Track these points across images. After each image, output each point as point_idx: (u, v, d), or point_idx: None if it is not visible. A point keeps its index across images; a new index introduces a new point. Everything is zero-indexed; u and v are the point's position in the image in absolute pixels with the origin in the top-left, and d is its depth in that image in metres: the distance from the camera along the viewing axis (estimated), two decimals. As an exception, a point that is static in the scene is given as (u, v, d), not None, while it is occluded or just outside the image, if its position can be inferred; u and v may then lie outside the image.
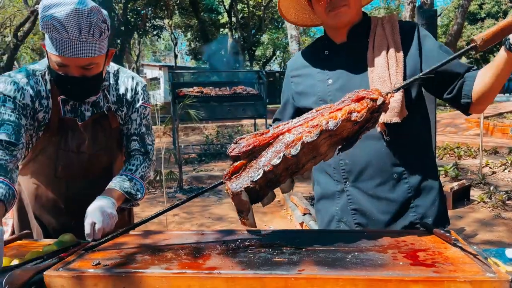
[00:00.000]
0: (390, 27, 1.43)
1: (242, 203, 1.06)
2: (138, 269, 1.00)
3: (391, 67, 1.36)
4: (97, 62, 1.40)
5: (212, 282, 0.94)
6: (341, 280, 0.92)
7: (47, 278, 0.98)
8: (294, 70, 1.61)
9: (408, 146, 1.42)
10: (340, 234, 1.35)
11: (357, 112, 1.06)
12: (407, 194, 1.43)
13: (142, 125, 1.63)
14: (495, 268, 0.93)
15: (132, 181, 1.52)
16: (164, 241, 1.23)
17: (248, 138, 1.11)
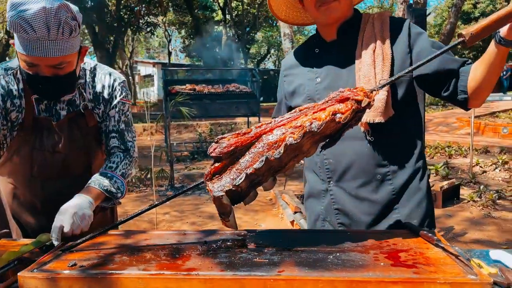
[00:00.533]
0: (380, 23, 1.40)
1: (223, 206, 1.04)
2: (115, 270, 0.98)
3: (377, 65, 1.34)
4: (68, 61, 1.36)
5: (190, 284, 0.93)
6: (320, 282, 0.90)
7: (21, 279, 0.96)
8: (287, 69, 1.60)
9: (394, 146, 1.39)
10: (324, 235, 1.34)
11: (341, 113, 1.04)
12: (391, 195, 1.40)
13: (121, 122, 1.59)
14: (477, 270, 0.92)
15: (112, 179, 1.48)
16: (145, 241, 1.21)
17: (230, 138, 1.09)
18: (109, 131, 1.58)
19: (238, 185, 1.02)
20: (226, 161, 1.08)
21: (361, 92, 1.07)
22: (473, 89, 1.29)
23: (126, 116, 1.61)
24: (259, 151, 1.04)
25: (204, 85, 8.22)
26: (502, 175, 6.00)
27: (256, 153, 1.04)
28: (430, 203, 1.47)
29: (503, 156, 6.78)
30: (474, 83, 1.29)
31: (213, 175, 1.08)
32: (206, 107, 7.46)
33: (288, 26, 7.38)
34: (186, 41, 27.40)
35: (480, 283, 0.88)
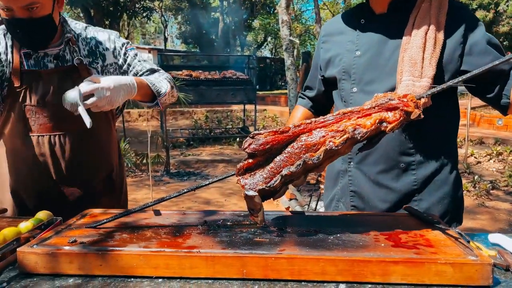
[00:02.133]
0: (437, 4, 1.28)
1: (254, 204, 1.03)
2: (115, 247, 0.97)
3: (427, 50, 1.24)
4: (40, 2, 1.36)
5: (191, 261, 0.92)
6: (321, 261, 0.90)
7: (20, 254, 0.95)
8: (326, 35, 1.51)
9: (424, 136, 1.31)
10: (324, 216, 1.34)
11: (388, 123, 0.99)
12: (412, 186, 1.34)
13: (144, 62, 1.65)
14: (477, 252, 0.93)
15: (157, 79, 1.55)
16: (145, 220, 1.20)
17: (267, 135, 1.05)
18: (141, 73, 1.62)
19: (272, 186, 1.01)
20: (261, 158, 1.05)
21: (412, 102, 1.00)
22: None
23: (142, 58, 1.66)
24: (296, 152, 1.01)
25: (201, 71, 8.17)
26: (496, 166, 6.05)
27: (293, 154, 1.02)
28: (456, 200, 1.39)
29: (498, 147, 6.83)
30: None
31: (246, 170, 1.06)
32: (202, 93, 7.43)
33: (286, 13, 7.31)
34: (182, 27, 27.14)
35: (480, 263, 0.88)
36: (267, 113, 11.71)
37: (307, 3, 23.91)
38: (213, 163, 6.63)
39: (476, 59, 1.26)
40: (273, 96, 15.64)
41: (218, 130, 9.57)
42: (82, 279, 0.92)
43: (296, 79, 7.28)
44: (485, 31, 1.28)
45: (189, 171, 6.13)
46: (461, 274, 0.88)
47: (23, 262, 0.95)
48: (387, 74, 1.30)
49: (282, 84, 32.23)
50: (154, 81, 1.53)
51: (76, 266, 0.94)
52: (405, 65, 1.25)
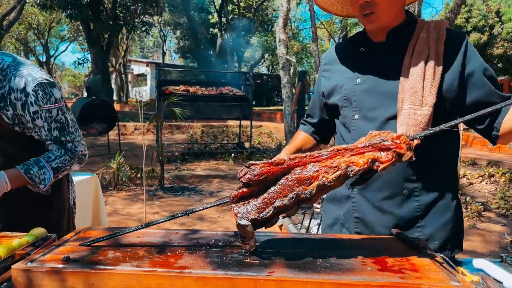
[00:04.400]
0: (436, 34, 1.30)
1: (246, 232, 1.05)
2: (108, 265, 0.99)
3: (427, 79, 1.26)
4: None
5: (183, 281, 0.95)
6: (309, 283, 0.93)
7: (15, 272, 0.97)
8: (327, 63, 1.54)
9: (426, 163, 1.30)
10: (314, 239, 1.36)
11: (381, 163, 1.02)
12: (415, 212, 1.34)
13: (53, 129, 1.55)
14: (460, 277, 0.95)
15: (42, 169, 1.50)
16: (138, 239, 1.22)
17: (262, 165, 1.08)
18: (44, 139, 1.57)
19: (265, 217, 1.04)
20: (255, 187, 1.08)
21: (404, 144, 1.03)
22: (507, 130, 1.24)
23: (58, 121, 1.55)
24: (290, 184, 1.04)
25: (198, 86, 8.24)
26: (488, 188, 6.09)
27: (286, 186, 1.04)
28: (457, 226, 1.40)
29: (490, 169, 6.90)
30: (508, 125, 1.23)
31: (240, 198, 1.09)
32: (199, 109, 7.48)
33: (283, 32, 7.43)
34: (180, 42, 27.38)
35: (461, 286, 0.91)
36: (263, 129, 11.78)
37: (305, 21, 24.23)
38: (208, 178, 6.64)
39: (471, 90, 1.29)
40: (269, 112, 15.74)
41: (213, 145, 9.61)
42: (75, 297, 0.94)
43: (292, 96, 7.35)
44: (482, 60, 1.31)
45: (184, 186, 6.13)
46: (443, 301, 0.90)
47: (17, 280, 0.97)
48: (388, 101, 1.32)
49: (278, 100, 32.42)
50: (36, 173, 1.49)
51: (70, 284, 0.96)
52: (406, 94, 1.27)
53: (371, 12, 1.30)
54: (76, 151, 1.60)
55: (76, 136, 1.60)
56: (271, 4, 25.98)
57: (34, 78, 1.48)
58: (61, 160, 1.55)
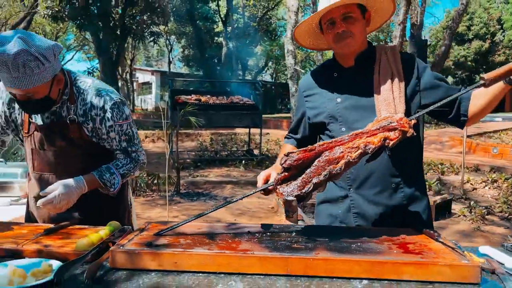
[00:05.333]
0: (392, 56, 1.65)
1: (291, 207, 1.32)
2: (185, 249, 1.24)
3: (395, 92, 1.58)
4: (35, 91, 1.57)
5: (248, 261, 1.19)
6: (349, 262, 1.17)
7: (113, 253, 1.21)
8: (306, 90, 1.80)
9: (405, 160, 1.63)
10: (343, 230, 1.61)
11: (390, 140, 1.31)
12: (402, 201, 1.64)
13: (122, 141, 1.83)
14: (469, 257, 1.20)
15: (112, 175, 1.78)
16: (197, 230, 1.47)
17: (299, 153, 1.34)
18: (114, 149, 1.86)
19: (306, 192, 1.29)
20: (294, 171, 1.34)
21: (406, 123, 1.31)
22: (474, 113, 1.57)
23: (127, 134, 1.83)
24: (321, 165, 1.30)
25: (209, 96, 8.51)
26: (491, 193, 6.31)
27: (319, 166, 1.30)
28: (430, 211, 1.74)
29: (493, 174, 7.12)
30: (475, 109, 1.56)
31: (282, 181, 1.34)
32: (210, 117, 7.74)
33: (292, 43, 7.70)
34: (185, 50, 27.77)
35: (472, 265, 1.15)
36: (270, 136, 12.03)
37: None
38: (221, 184, 6.90)
39: (431, 92, 1.63)
40: (275, 120, 16.00)
41: (224, 153, 9.87)
42: (161, 273, 1.18)
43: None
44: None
45: (198, 192, 6.39)
46: (456, 274, 1.14)
47: (115, 260, 1.21)
48: (368, 113, 1.60)
49: (282, 108, 32.76)
50: (108, 178, 1.76)
51: (156, 263, 1.20)
52: (382, 105, 1.57)
53: (349, 37, 1.59)
54: (139, 159, 1.89)
55: (139, 147, 1.89)
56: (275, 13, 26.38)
57: (111, 98, 1.77)
58: (127, 167, 1.84)
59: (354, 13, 1.59)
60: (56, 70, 1.62)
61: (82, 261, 1.20)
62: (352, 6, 1.60)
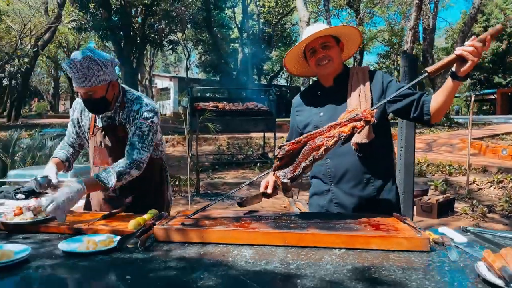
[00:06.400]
0: (362, 74, 2.03)
1: (287, 187, 1.74)
2: (210, 226, 1.67)
3: (362, 103, 1.95)
4: (95, 91, 2.04)
5: (255, 235, 1.60)
6: (331, 235, 1.57)
7: (156, 230, 1.65)
8: (297, 106, 2.21)
9: (373, 159, 1.99)
10: (331, 215, 2.00)
11: (357, 128, 1.71)
12: (373, 193, 2.02)
13: (135, 135, 2.14)
14: (423, 233, 1.59)
15: (108, 173, 2.04)
16: (218, 215, 1.89)
17: (288, 145, 1.75)
18: (128, 141, 2.18)
19: (298, 175, 1.71)
20: (287, 159, 1.75)
21: (369, 114, 1.71)
22: (435, 110, 1.86)
23: (142, 131, 2.15)
24: (307, 152, 1.71)
25: (226, 102, 8.98)
26: (496, 192, 6.57)
27: (305, 154, 1.72)
28: (398, 201, 2.11)
29: (499, 175, 7.35)
30: (436, 106, 1.85)
31: (278, 168, 1.76)
32: (227, 123, 8.20)
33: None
34: (202, 57, 28.43)
35: (423, 238, 1.53)
36: (284, 140, 12.40)
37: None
38: (238, 185, 7.32)
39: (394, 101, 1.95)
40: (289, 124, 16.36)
41: (240, 156, 10.33)
42: (191, 244, 1.61)
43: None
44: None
45: (217, 192, 6.84)
46: (411, 244, 1.53)
47: (158, 234, 1.65)
48: None
49: (298, 111, 32.96)
50: (104, 176, 2.01)
51: (189, 236, 1.63)
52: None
53: (328, 61, 1.98)
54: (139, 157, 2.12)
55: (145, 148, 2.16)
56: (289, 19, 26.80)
57: (146, 104, 2.23)
58: (122, 165, 2.08)
59: (330, 42, 2.01)
60: (112, 77, 2.12)
61: (134, 235, 1.64)
62: (328, 36, 2.01)
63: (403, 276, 1.29)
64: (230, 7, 23.84)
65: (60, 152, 2.38)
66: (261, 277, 1.30)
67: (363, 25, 21.85)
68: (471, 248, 1.56)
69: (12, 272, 1.35)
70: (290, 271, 1.33)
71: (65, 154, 2.37)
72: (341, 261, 1.43)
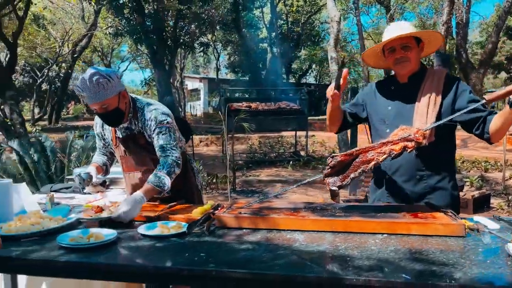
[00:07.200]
0: (437, 78, 2.08)
1: (335, 193, 1.94)
2: (267, 214, 1.88)
3: (430, 108, 2.02)
4: (108, 103, 2.18)
5: (304, 222, 1.81)
6: (373, 222, 1.76)
7: (217, 216, 1.89)
8: (369, 93, 2.30)
9: (429, 158, 2.06)
10: (372, 206, 2.18)
11: (408, 148, 1.86)
12: (424, 190, 2.10)
13: (160, 139, 2.30)
14: (459, 220, 1.75)
15: (159, 177, 2.17)
16: (270, 205, 2.11)
17: (341, 156, 1.94)
18: (155, 146, 2.34)
19: (346, 184, 1.91)
20: (338, 168, 1.94)
21: (421, 136, 1.84)
22: (493, 132, 1.94)
23: (163, 134, 2.30)
24: (357, 164, 1.89)
25: (258, 102, 9.21)
26: (534, 188, 6.51)
27: (355, 166, 1.90)
28: (453, 199, 2.13)
29: (538, 171, 7.24)
30: (494, 129, 1.93)
31: (329, 175, 1.96)
32: (260, 122, 8.43)
33: (334, 50, 8.22)
34: (231, 57, 28.78)
35: (458, 224, 1.70)
36: (315, 138, 12.56)
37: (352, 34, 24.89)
38: (272, 183, 7.57)
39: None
40: (320, 122, 16.44)
41: (272, 154, 10.57)
42: (251, 230, 1.83)
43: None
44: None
45: (252, 190, 7.08)
46: (447, 229, 1.70)
47: (220, 220, 1.88)
48: (407, 120, 2.08)
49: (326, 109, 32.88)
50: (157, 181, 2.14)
51: (246, 223, 1.86)
52: (417, 115, 2.06)
53: (405, 62, 2.09)
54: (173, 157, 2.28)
55: (173, 147, 2.31)
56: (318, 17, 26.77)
57: (156, 109, 2.35)
58: (168, 165, 2.23)
59: (411, 43, 2.08)
60: (120, 88, 2.25)
61: (199, 221, 1.88)
62: (410, 38, 2.08)
63: (441, 256, 1.47)
64: (259, 7, 24.05)
65: (97, 158, 2.62)
66: (315, 256, 1.51)
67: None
68: (503, 233, 1.71)
69: (104, 250, 1.62)
70: (339, 251, 1.54)
71: (102, 159, 2.60)
72: (384, 244, 1.61)
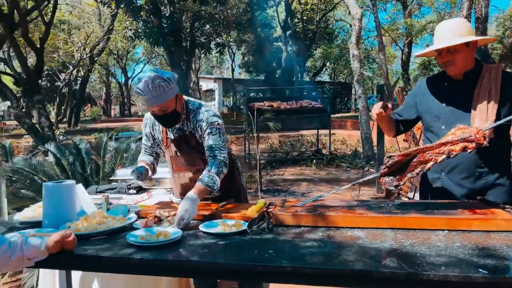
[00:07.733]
0: (495, 74, 2.04)
1: (391, 193, 1.94)
2: (322, 212, 1.90)
3: (490, 104, 1.99)
4: (167, 105, 2.23)
5: (362, 218, 1.82)
6: (433, 219, 1.76)
7: (275, 214, 1.92)
8: (423, 88, 2.27)
9: (488, 156, 2.03)
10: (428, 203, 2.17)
11: (468, 148, 1.83)
12: (483, 187, 2.09)
13: (210, 139, 2.35)
14: (519, 216, 1.75)
15: (210, 178, 2.21)
16: (325, 203, 2.13)
17: (398, 156, 1.93)
18: (204, 146, 2.40)
19: (402, 184, 1.92)
20: (394, 168, 1.94)
21: (482, 137, 1.81)
22: None
23: (214, 135, 2.36)
24: (415, 164, 1.89)
25: (279, 101, 9.24)
26: None
27: (412, 165, 1.89)
28: (511, 195, 2.11)
29: None
30: None
31: (385, 174, 1.96)
32: (283, 121, 8.44)
33: (356, 48, 8.19)
34: (245, 57, 28.86)
35: (521, 219, 1.71)
36: (336, 137, 12.52)
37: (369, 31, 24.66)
38: (297, 181, 7.59)
39: None
40: (339, 120, 16.42)
41: (294, 153, 10.58)
42: (310, 228, 1.85)
43: (367, 106, 8.08)
44: None
45: (277, 189, 7.11)
46: (510, 224, 1.70)
47: (277, 218, 1.91)
48: (464, 118, 2.07)
49: (342, 107, 32.83)
50: (209, 181, 2.18)
51: (303, 221, 1.88)
52: (477, 113, 2.04)
53: (452, 65, 2.08)
54: (221, 157, 2.33)
55: (221, 147, 2.36)
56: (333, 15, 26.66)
57: (207, 111, 2.42)
58: (216, 166, 2.28)
59: (458, 46, 2.04)
60: (177, 91, 2.31)
61: (256, 220, 1.91)
62: None
63: (508, 250, 1.47)
64: (272, 6, 24.05)
65: (144, 157, 2.65)
66: (383, 252, 1.53)
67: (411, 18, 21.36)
68: None
69: (172, 247, 1.67)
70: (406, 248, 1.55)
71: (149, 159, 2.64)
72: (449, 240, 1.62)
